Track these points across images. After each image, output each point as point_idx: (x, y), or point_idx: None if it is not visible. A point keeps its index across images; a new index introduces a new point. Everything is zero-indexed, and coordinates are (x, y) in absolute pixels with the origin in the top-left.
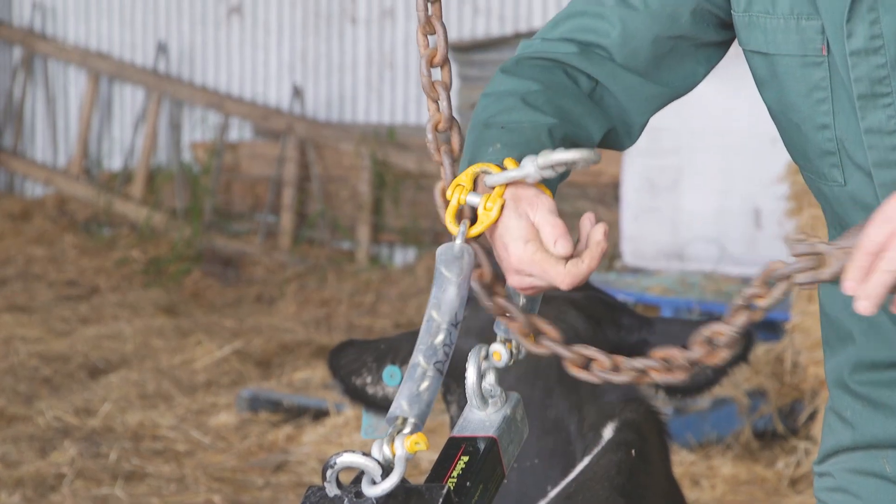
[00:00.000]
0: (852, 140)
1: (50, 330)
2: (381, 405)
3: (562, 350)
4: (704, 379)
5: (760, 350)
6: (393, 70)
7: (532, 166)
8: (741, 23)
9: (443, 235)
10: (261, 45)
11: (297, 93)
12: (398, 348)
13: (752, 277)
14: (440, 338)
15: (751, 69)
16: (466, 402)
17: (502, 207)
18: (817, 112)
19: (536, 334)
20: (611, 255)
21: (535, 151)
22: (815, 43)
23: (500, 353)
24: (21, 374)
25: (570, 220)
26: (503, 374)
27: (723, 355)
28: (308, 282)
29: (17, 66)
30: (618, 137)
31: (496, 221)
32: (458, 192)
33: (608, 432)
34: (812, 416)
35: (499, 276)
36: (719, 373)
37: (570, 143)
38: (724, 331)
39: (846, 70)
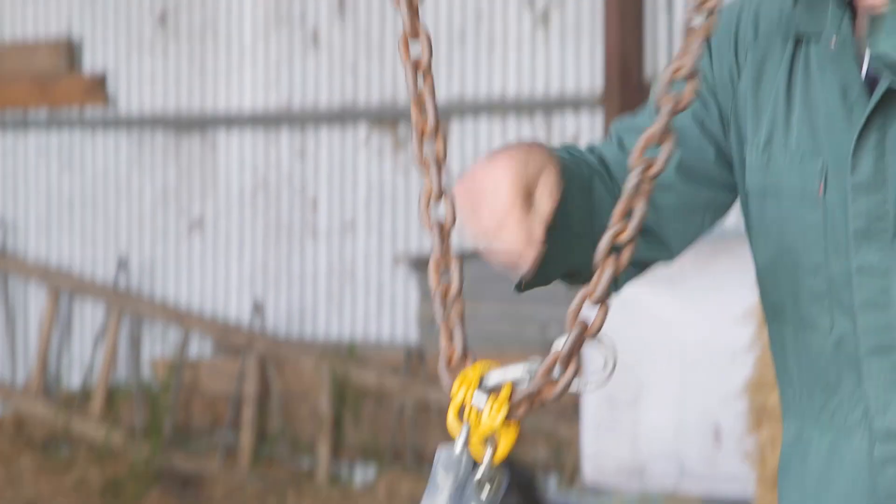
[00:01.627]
0: (842, 281)
1: None
2: None
3: None
4: None
5: None
6: (353, 282)
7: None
8: (758, 164)
9: (404, 451)
10: (222, 259)
11: (258, 308)
12: None
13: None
14: None
15: (753, 215)
16: None
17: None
18: (812, 251)
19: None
20: (571, 472)
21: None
22: (814, 184)
23: None
24: None
25: (533, 437)
26: None
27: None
28: (268, 502)
29: None
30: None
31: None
32: (464, 388)
33: None
34: None
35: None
36: None
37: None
38: None
39: (844, 207)
